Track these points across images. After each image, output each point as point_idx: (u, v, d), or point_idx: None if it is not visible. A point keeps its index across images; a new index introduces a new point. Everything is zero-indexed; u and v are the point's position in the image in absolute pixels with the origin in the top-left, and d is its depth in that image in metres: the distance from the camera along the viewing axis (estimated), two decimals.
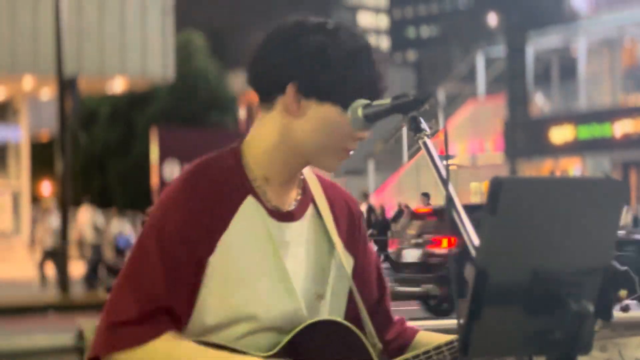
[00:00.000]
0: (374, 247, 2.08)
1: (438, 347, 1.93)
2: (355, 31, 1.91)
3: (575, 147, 25.25)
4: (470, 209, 1.65)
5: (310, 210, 1.96)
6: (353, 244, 2.01)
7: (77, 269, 16.92)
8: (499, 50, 30.12)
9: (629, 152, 24.04)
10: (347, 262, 1.98)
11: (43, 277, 17.57)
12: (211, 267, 1.84)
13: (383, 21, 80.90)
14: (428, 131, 1.71)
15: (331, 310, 1.94)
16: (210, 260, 1.84)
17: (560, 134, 25.56)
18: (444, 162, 1.67)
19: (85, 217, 18.81)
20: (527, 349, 1.50)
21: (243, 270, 1.85)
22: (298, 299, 1.88)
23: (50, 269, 17.30)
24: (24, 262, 21.79)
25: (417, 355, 1.94)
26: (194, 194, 1.85)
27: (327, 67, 1.83)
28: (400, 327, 2.06)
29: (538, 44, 27.89)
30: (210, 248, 1.84)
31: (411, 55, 75.17)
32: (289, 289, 1.88)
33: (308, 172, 2.01)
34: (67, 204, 15.89)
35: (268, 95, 1.89)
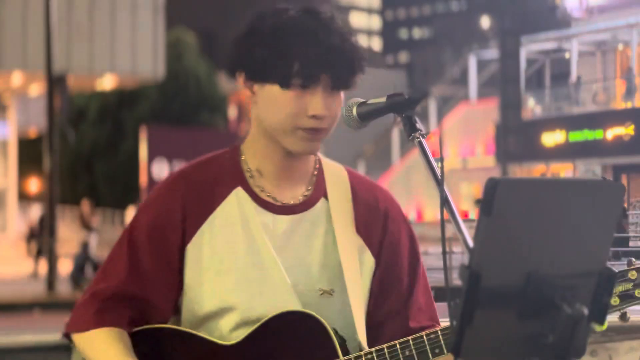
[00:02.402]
0: (413, 249, 1.98)
1: (392, 345, 1.86)
2: (307, 10, 1.86)
3: (567, 152, 25.29)
4: None
5: (320, 205, 1.93)
6: (375, 242, 1.95)
7: (65, 266, 16.88)
8: (492, 53, 30.20)
9: (621, 157, 24.12)
10: (366, 261, 1.93)
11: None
12: (189, 255, 1.86)
13: (375, 22, 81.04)
14: (423, 130, 1.70)
15: (343, 307, 1.89)
16: (188, 248, 1.86)
17: (552, 138, 25.64)
18: (438, 164, 1.65)
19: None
20: (520, 352, 1.48)
21: (223, 260, 1.85)
22: (289, 291, 1.85)
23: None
24: (10, 259, 21.70)
25: (370, 353, 1.86)
26: (172, 189, 1.90)
27: (255, 48, 1.83)
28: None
29: (531, 48, 27.96)
30: (185, 238, 1.86)
31: (403, 56, 75.31)
32: (278, 280, 1.85)
33: (335, 169, 1.98)
34: (54, 201, 15.84)
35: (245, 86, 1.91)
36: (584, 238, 1.49)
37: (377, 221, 1.96)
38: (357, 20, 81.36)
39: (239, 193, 1.89)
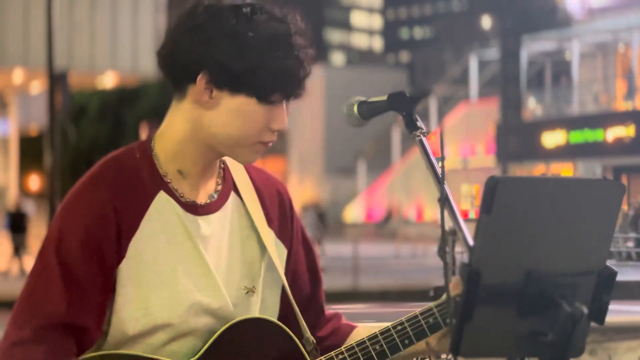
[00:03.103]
0: (308, 236, 1.96)
1: (362, 343, 1.82)
2: (275, 15, 1.74)
3: (567, 152, 25.33)
4: None
5: (232, 200, 1.84)
6: (285, 233, 1.89)
7: None
8: (493, 53, 30.21)
9: (621, 158, 24.11)
10: (279, 253, 1.87)
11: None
12: (123, 273, 1.72)
13: (377, 21, 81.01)
14: (424, 129, 1.69)
15: (264, 305, 1.84)
16: (122, 266, 1.72)
17: (553, 139, 25.63)
18: (439, 163, 1.65)
19: None
20: (519, 350, 1.48)
21: (160, 272, 1.74)
22: (223, 294, 1.77)
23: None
24: (9, 256, 21.67)
25: (341, 353, 1.83)
26: (96, 198, 1.72)
27: (240, 55, 1.70)
28: (337, 322, 1.95)
29: (532, 48, 27.96)
30: (119, 255, 1.72)
31: (404, 56, 75.27)
32: (212, 285, 1.77)
33: (235, 162, 1.87)
34: (55, 198, 15.84)
35: (179, 83, 1.77)
36: (584, 237, 1.49)
37: (284, 212, 1.90)
38: (358, 19, 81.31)
39: (162, 198, 1.76)
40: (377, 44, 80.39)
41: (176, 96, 1.80)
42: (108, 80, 23.26)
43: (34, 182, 35.79)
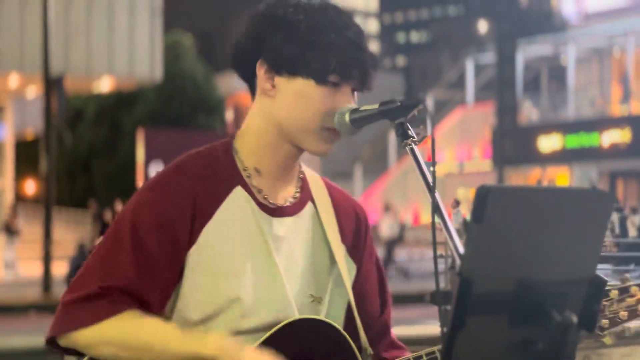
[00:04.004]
0: (380, 260, 2.00)
1: (419, 357, 1.85)
2: (326, 3, 1.82)
3: (563, 156, 25.36)
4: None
5: (308, 209, 1.89)
6: (357, 251, 1.93)
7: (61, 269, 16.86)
8: (489, 57, 30.23)
9: (617, 162, 24.14)
10: (348, 269, 1.90)
11: None
12: (193, 259, 1.77)
13: (373, 26, 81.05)
14: (415, 138, 1.69)
15: (329, 316, 1.86)
16: (192, 251, 1.76)
17: (548, 143, 25.66)
18: (431, 169, 1.65)
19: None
20: (511, 358, 1.48)
21: (227, 263, 1.77)
22: (287, 296, 1.81)
23: None
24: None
25: None
26: (177, 183, 1.78)
27: (292, 38, 1.76)
28: (400, 354, 1.94)
29: (528, 53, 28.00)
30: (190, 239, 1.76)
31: (401, 60, 75.32)
32: (277, 284, 1.80)
33: (312, 174, 1.95)
34: (51, 203, 15.82)
35: (247, 79, 1.84)
36: (574, 246, 1.50)
37: (359, 232, 1.94)
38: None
39: (238, 192, 1.81)
40: (374, 48, 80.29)
41: (252, 96, 1.87)
42: (104, 85, 23.25)
43: (30, 186, 35.75)
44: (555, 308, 1.43)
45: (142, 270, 1.73)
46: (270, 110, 1.81)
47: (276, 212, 1.83)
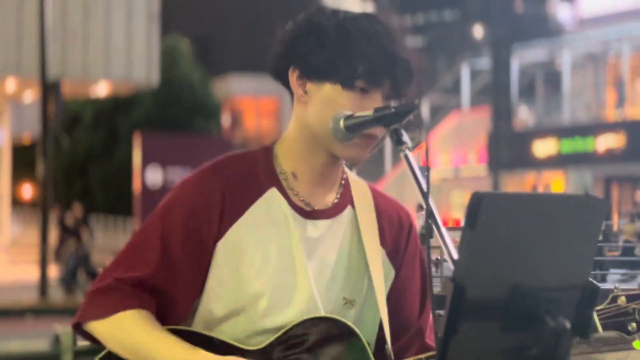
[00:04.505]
0: (424, 269, 1.98)
1: None
2: (360, 14, 1.85)
3: (558, 161, 25.37)
4: None
5: (347, 213, 1.90)
6: (397, 256, 1.93)
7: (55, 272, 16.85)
8: (484, 62, 30.26)
9: (612, 167, 24.16)
10: (386, 272, 1.91)
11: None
12: (219, 255, 1.79)
13: None
14: (409, 144, 1.70)
15: (361, 320, 1.86)
16: (218, 247, 1.79)
17: (544, 148, 25.68)
18: (425, 174, 1.66)
19: None
20: None
21: (253, 261, 1.79)
22: (314, 298, 1.81)
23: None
24: (3, 265, 21.64)
25: None
26: (208, 181, 1.82)
27: (319, 44, 1.80)
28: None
29: (523, 58, 28.03)
30: (218, 234, 1.79)
31: None
32: (304, 286, 1.81)
33: (357, 179, 1.96)
34: (47, 207, 15.81)
35: (286, 86, 1.87)
36: (568, 252, 1.51)
37: (401, 236, 1.95)
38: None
39: (273, 194, 1.84)
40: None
41: (292, 102, 1.90)
42: (101, 90, 23.25)
43: (27, 191, 35.69)
44: (548, 314, 1.43)
45: (164, 265, 1.77)
46: (304, 116, 1.84)
47: (311, 214, 1.85)
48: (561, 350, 1.45)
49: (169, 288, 1.78)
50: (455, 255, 1.50)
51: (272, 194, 1.83)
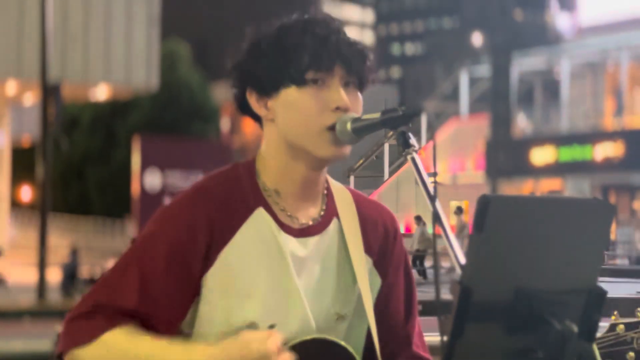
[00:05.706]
0: (412, 270, 1.95)
1: None
2: (293, 16, 1.82)
3: (556, 169, 25.38)
4: None
5: (333, 226, 1.86)
6: (383, 263, 1.90)
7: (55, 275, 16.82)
8: (483, 69, 30.30)
9: (609, 175, 24.18)
10: (372, 281, 1.88)
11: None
12: (209, 281, 1.75)
13: (368, 37, 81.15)
14: (416, 147, 1.69)
15: (351, 332, 1.85)
16: (208, 275, 1.75)
17: (542, 155, 25.69)
18: (431, 179, 1.65)
19: None
20: None
21: (244, 285, 1.76)
22: (307, 317, 1.79)
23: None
24: (2, 267, 21.59)
25: None
26: (192, 213, 1.75)
27: (258, 56, 1.77)
28: None
29: (522, 66, 28.06)
30: (205, 265, 1.75)
31: (395, 72, 75.41)
32: (297, 305, 1.79)
33: (339, 187, 1.92)
34: (46, 210, 15.79)
35: (256, 119, 1.85)
36: (575, 256, 1.51)
37: (386, 242, 1.91)
38: (350, 35, 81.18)
39: (260, 214, 1.79)
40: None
41: (261, 127, 1.86)
42: (101, 93, 23.24)
43: (26, 193, 35.67)
44: (555, 317, 1.43)
45: (144, 297, 1.72)
46: (276, 132, 1.80)
47: (300, 232, 1.82)
48: (567, 354, 1.45)
49: (149, 318, 1.73)
50: (462, 259, 1.50)
51: (260, 213, 1.79)
